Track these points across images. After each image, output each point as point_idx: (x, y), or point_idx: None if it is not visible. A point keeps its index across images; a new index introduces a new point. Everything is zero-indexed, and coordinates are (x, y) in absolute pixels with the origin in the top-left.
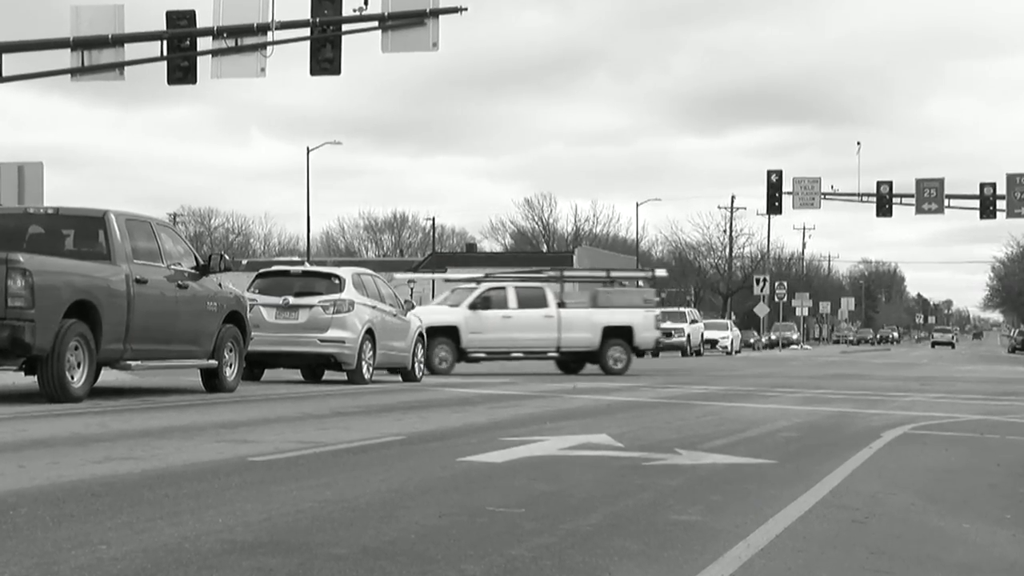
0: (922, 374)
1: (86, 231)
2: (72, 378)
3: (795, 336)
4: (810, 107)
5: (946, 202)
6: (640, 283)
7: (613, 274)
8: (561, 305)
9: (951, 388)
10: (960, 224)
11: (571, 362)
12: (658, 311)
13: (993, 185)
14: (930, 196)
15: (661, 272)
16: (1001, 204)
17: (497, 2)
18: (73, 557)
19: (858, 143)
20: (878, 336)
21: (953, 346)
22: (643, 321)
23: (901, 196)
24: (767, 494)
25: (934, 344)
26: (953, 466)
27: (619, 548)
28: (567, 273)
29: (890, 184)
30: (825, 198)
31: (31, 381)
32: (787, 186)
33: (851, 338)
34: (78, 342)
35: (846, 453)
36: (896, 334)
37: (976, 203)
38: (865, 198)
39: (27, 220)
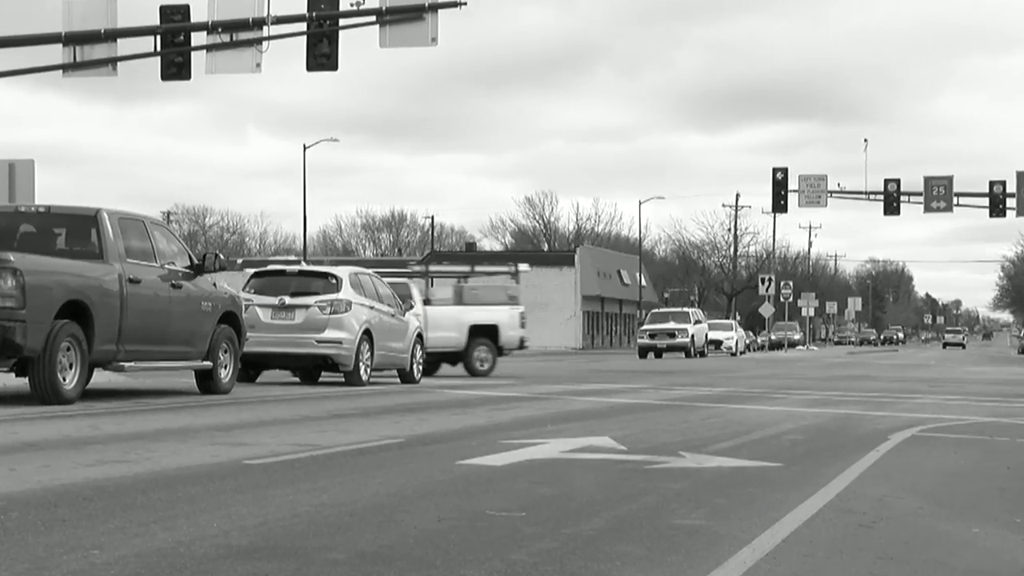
0: (931, 375)
1: (78, 230)
2: (64, 380)
3: (797, 336)
4: (816, 104)
5: (955, 200)
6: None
7: (476, 268)
8: (427, 302)
9: (960, 390)
10: (969, 223)
11: (430, 363)
12: (522, 308)
13: (1003, 183)
14: (939, 194)
15: (524, 267)
16: (1011, 203)
17: None
18: (65, 562)
19: (864, 140)
20: (881, 337)
21: (964, 347)
22: (508, 319)
23: (909, 194)
24: (772, 498)
25: (945, 345)
26: (962, 469)
27: (622, 553)
28: (432, 268)
29: (898, 182)
30: (831, 196)
31: (22, 383)
32: (793, 184)
33: (853, 339)
34: (70, 343)
35: (853, 456)
36: (901, 334)
37: (986, 201)
38: (872, 196)
39: (18, 219)
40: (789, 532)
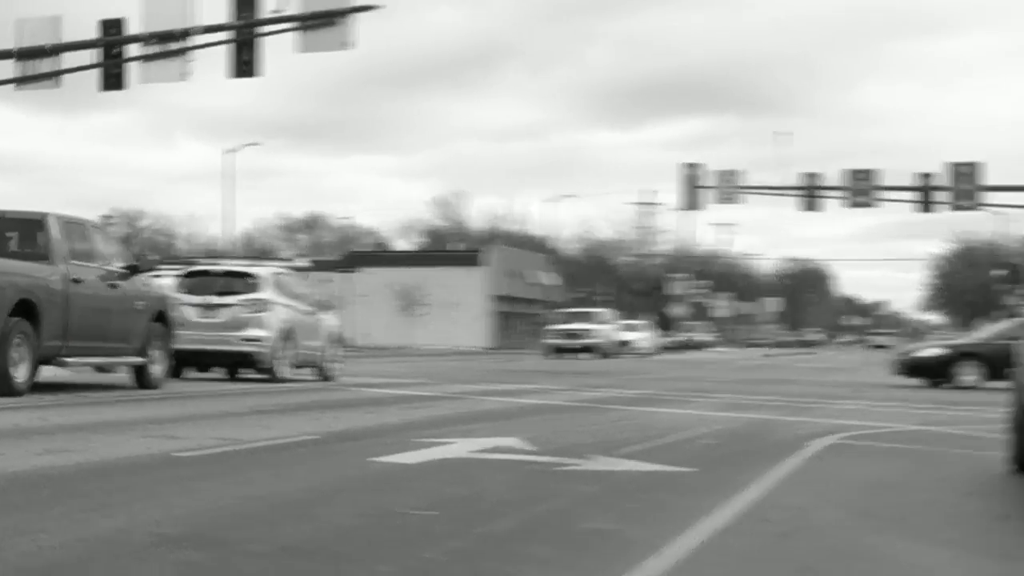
0: (852, 380)
1: (28, 233)
2: (15, 373)
3: (705, 337)
4: (733, 97)
5: (880, 195)
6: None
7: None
8: None
9: (885, 396)
10: (896, 218)
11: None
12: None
13: (932, 175)
14: (861, 189)
15: (301, 262)
16: (942, 196)
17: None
18: (16, 544)
19: (780, 133)
20: (796, 339)
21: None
22: None
23: (830, 189)
24: (685, 504)
25: (872, 347)
26: (887, 479)
27: (532, 555)
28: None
29: (817, 176)
30: (747, 192)
31: None
32: (710, 180)
33: (766, 341)
34: (20, 339)
35: (770, 462)
36: (817, 337)
37: (913, 195)
38: (791, 192)
39: None
40: (701, 540)
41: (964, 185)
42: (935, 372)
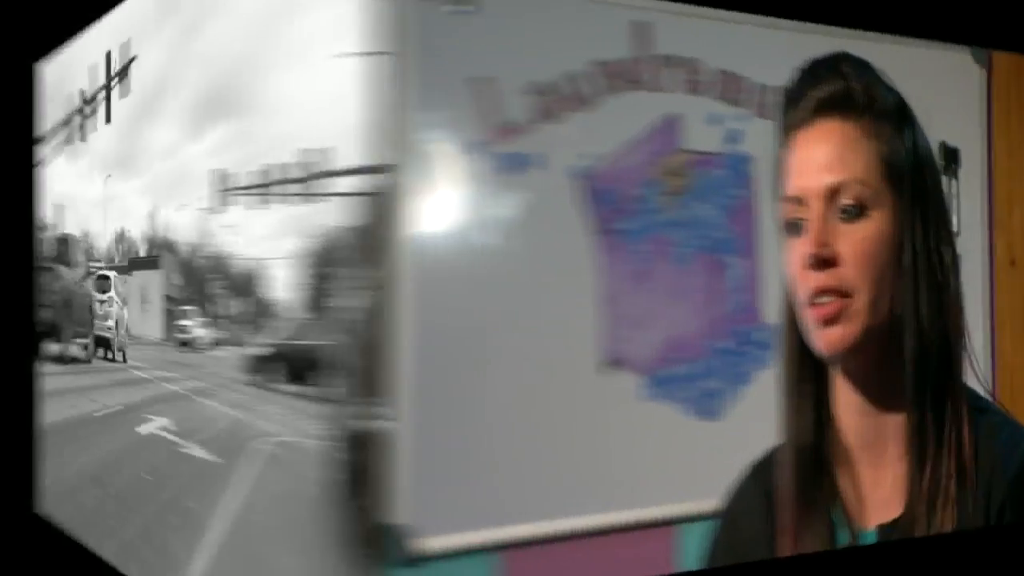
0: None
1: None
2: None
3: None
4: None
5: (274, 189)
6: None
7: None
8: None
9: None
10: (284, 215)
11: None
12: None
13: (276, 166)
14: (239, 186)
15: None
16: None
17: None
18: (46, 473)
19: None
20: None
21: None
22: None
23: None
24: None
25: None
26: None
27: (174, 524)
28: None
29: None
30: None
31: None
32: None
33: None
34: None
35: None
36: None
37: (275, 189)
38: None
39: None
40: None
41: (301, 174)
42: (256, 371)
